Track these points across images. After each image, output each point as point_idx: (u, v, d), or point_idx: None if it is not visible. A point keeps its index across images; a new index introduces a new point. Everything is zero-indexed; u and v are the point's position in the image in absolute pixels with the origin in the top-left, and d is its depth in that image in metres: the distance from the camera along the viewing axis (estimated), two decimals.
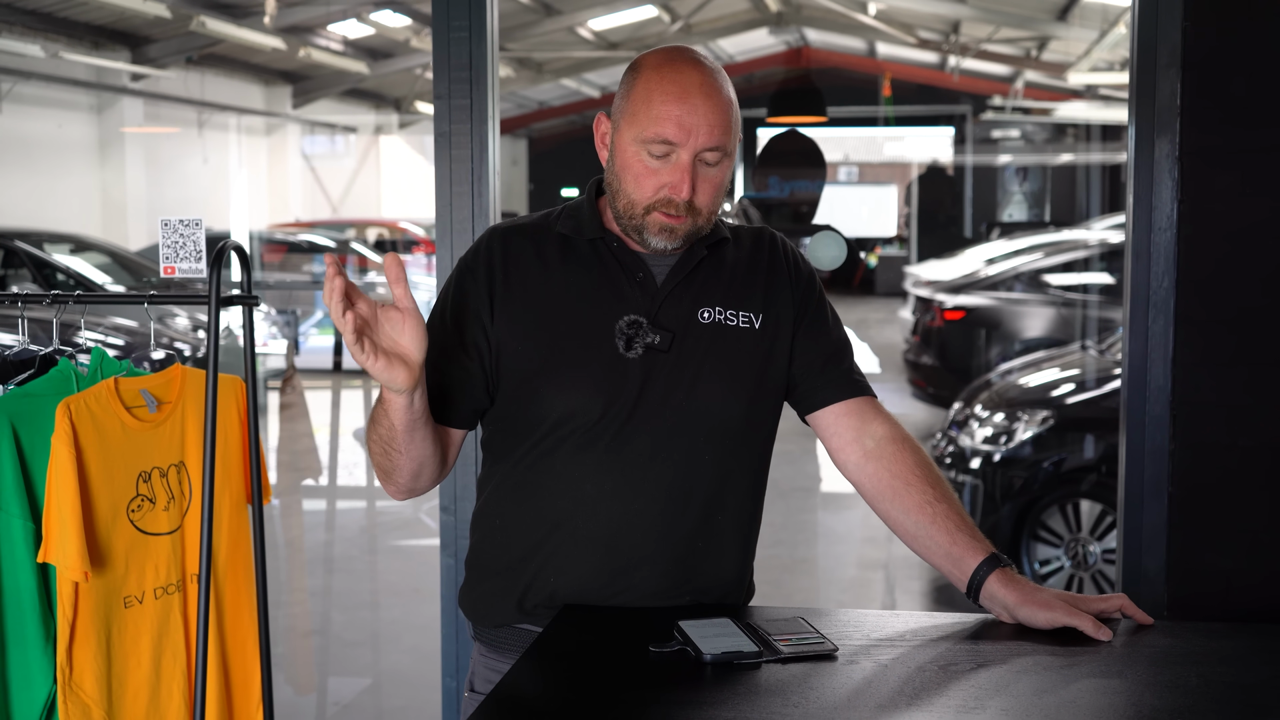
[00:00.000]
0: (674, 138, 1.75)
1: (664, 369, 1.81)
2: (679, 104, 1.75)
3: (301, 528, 5.52)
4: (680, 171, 1.77)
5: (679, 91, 1.76)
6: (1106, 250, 6.89)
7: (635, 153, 1.78)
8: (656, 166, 1.78)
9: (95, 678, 2.09)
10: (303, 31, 11.05)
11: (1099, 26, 8.96)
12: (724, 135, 1.78)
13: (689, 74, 1.77)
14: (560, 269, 1.86)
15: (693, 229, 1.82)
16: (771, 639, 1.66)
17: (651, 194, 1.79)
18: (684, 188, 1.77)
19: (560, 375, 1.81)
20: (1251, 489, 2.51)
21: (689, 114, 1.75)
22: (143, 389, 2.17)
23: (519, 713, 1.50)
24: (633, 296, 1.84)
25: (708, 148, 1.77)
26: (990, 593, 1.78)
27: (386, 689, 4.26)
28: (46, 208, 10.33)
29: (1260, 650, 1.70)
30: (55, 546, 2.03)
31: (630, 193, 1.80)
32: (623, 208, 1.82)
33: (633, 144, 1.78)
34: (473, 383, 1.84)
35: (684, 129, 1.75)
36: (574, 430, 1.81)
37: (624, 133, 1.80)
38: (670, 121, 1.75)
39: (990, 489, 4.93)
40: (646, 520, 1.81)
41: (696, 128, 1.75)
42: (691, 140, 1.76)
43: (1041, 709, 1.48)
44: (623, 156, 1.80)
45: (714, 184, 1.80)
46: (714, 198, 1.82)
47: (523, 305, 1.84)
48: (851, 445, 1.90)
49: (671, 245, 1.82)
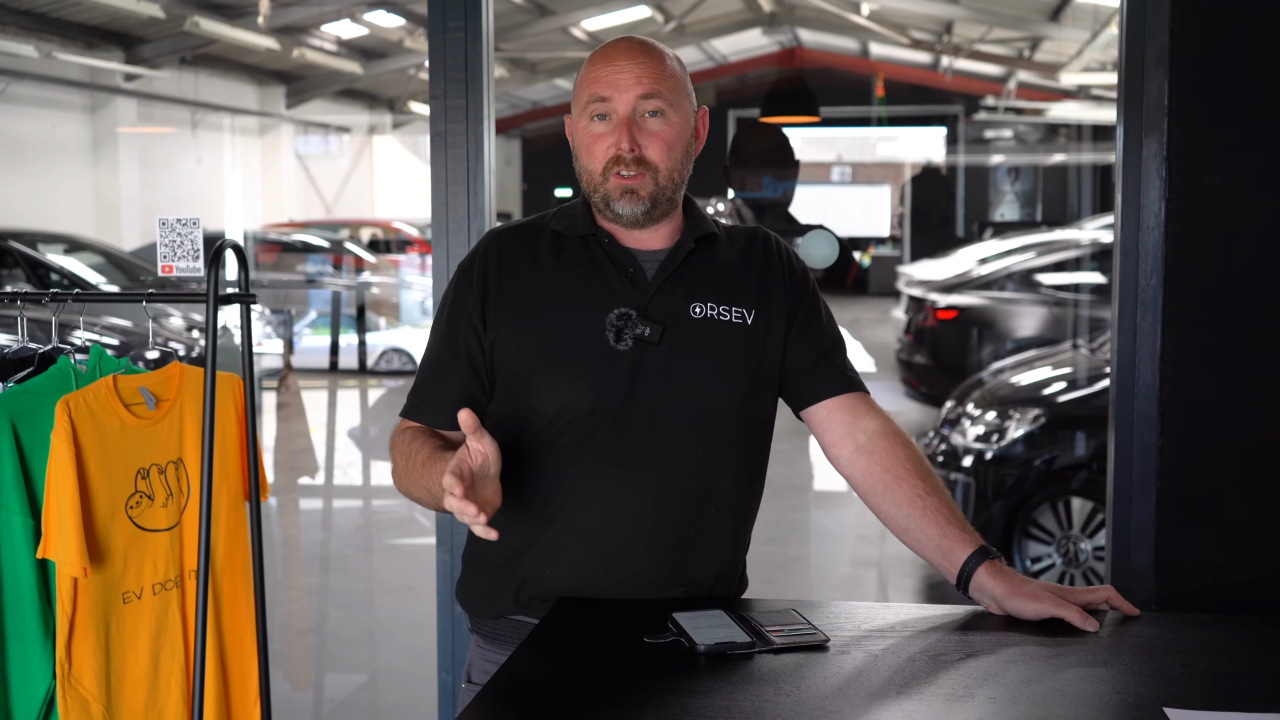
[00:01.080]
0: (606, 94, 1.84)
1: (655, 362, 1.84)
2: (605, 65, 1.86)
3: (298, 526, 5.54)
4: (619, 126, 1.84)
5: (605, 56, 1.87)
6: (1098, 250, 6.91)
7: (584, 127, 1.87)
8: (601, 131, 1.85)
9: (94, 673, 2.11)
10: (296, 32, 11.04)
11: (1091, 27, 8.99)
12: (656, 83, 1.84)
13: (616, 43, 1.89)
14: (553, 266, 1.89)
15: (654, 189, 1.86)
16: (764, 630, 1.68)
17: (602, 157, 1.85)
18: (625, 139, 1.83)
19: (552, 369, 1.84)
20: (1238, 485, 2.54)
21: (615, 71, 1.84)
22: (141, 386, 2.19)
23: (515, 703, 1.52)
24: (624, 291, 1.86)
25: (640, 96, 1.83)
26: (979, 584, 1.81)
27: (382, 685, 4.27)
28: (40, 208, 10.32)
29: (1243, 640, 1.73)
30: (54, 542, 2.04)
31: (586, 164, 1.88)
32: (586, 184, 1.89)
33: (580, 118, 1.87)
34: (466, 386, 1.89)
35: (613, 85, 1.84)
36: (568, 424, 1.83)
37: (575, 115, 1.90)
38: (600, 82, 1.85)
39: (982, 487, 4.96)
40: (639, 512, 1.84)
41: (624, 82, 1.83)
42: (623, 93, 1.83)
43: (1029, 697, 1.51)
44: (577, 137, 1.89)
45: (662, 138, 1.86)
46: (666, 152, 1.86)
47: (517, 304, 1.87)
48: (844, 440, 1.92)
49: (640, 209, 1.85)
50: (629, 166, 1.84)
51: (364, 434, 7.31)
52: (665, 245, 1.91)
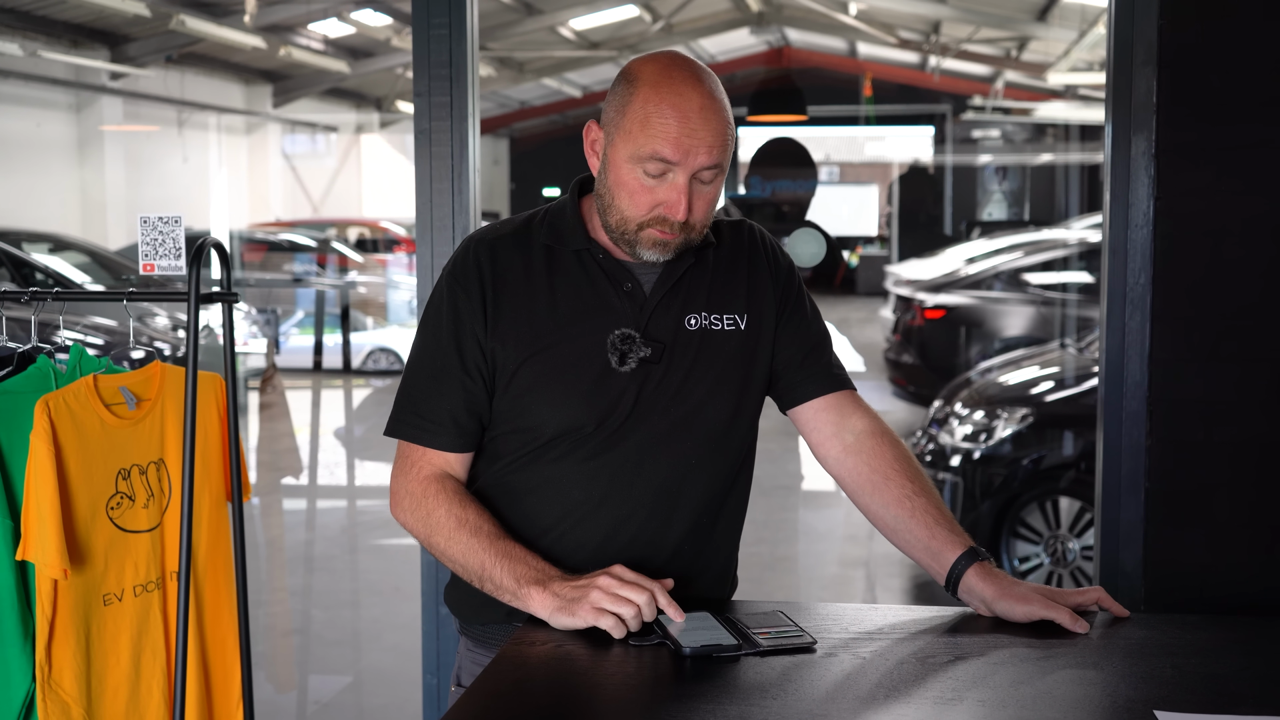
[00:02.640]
0: (671, 157, 1.72)
1: (655, 379, 1.81)
2: (678, 124, 1.72)
3: (282, 527, 5.52)
4: (677, 192, 1.74)
5: (677, 113, 1.72)
6: (1085, 249, 6.92)
7: (630, 170, 1.75)
8: (652, 185, 1.75)
9: (74, 676, 2.09)
10: (283, 30, 11.01)
11: (1078, 27, 9.01)
12: (722, 154, 1.75)
13: (688, 93, 1.73)
14: (547, 282, 1.84)
15: (685, 242, 1.81)
16: (750, 632, 1.67)
17: (646, 212, 1.76)
18: (680, 208, 1.74)
19: (553, 391, 1.80)
20: (1227, 484, 2.53)
21: (687, 136, 1.72)
22: (122, 386, 2.17)
23: (500, 705, 1.50)
24: (622, 308, 1.82)
25: (705, 167, 1.75)
26: (968, 586, 1.79)
27: (367, 687, 4.25)
28: (25, 207, 10.28)
29: (1234, 641, 1.72)
30: (34, 544, 2.02)
31: (624, 209, 1.78)
32: (615, 223, 1.80)
33: (628, 161, 1.75)
34: (481, 405, 1.83)
35: (681, 149, 1.72)
36: (568, 442, 1.81)
37: (619, 148, 1.76)
38: (668, 142, 1.72)
39: (970, 486, 4.96)
40: (634, 525, 1.82)
41: (695, 149, 1.72)
42: (689, 161, 1.73)
43: (1018, 700, 1.49)
44: (617, 172, 1.77)
45: (708, 200, 1.79)
46: (708, 211, 1.80)
47: (513, 320, 1.82)
48: (831, 439, 1.91)
49: (664, 258, 1.81)
50: (672, 227, 1.77)
51: (349, 434, 7.28)
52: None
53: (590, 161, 1.85)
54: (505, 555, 1.74)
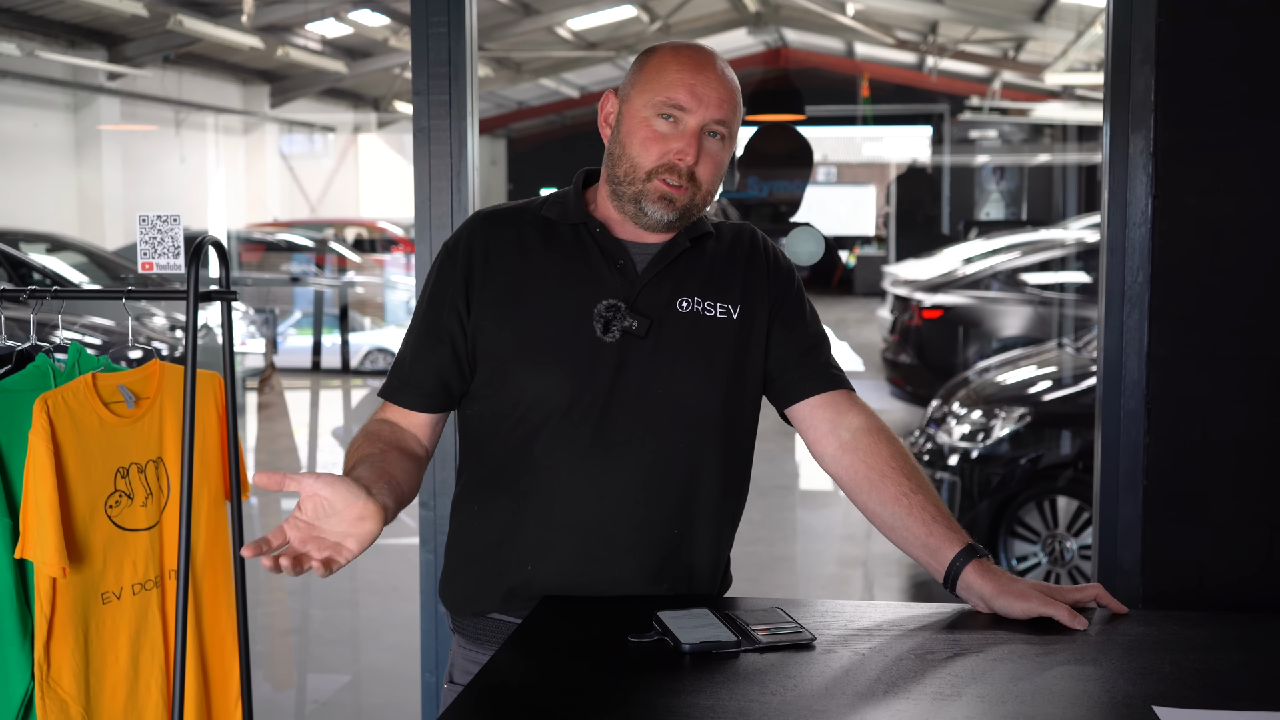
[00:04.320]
0: (685, 103, 1.81)
1: (640, 356, 1.82)
2: (693, 74, 1.82)
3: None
4: (688, 137, 1.82)
5: (694, 64, 1.84)
6: (1083, 249, 6.92)
7: (645, 118, 1.83)
8: (665, 131, 1.83)
9: (73, 674, 2.09)
10: (281, 31, 11.00)
11: (1075, 27, 9.01)
12: (731, 112, 1.84)
13: (704, 53, 1.86)
14: (541, 253, 1.88)
15: (689, 204, 1.85)
16: (750, 629, 1.67)
17: (657, 158, 1.83)
18: (690, 153, 1.82)
19: (534, 358, 1.82)
20: (1225, 482, 2.53)
21: (703, 84, 1.82)
22: (120, 384, 2.17)
23: (498, 703, 1.50)
24: (612, 282, 1.85)
25: (715, 120, 1.83)
26: (967, 583, 1.79)
27: (366, 686, 4.25)
28: (22, 207, 10.27)
29: (1232, 638, 1.72)
30: (33, 542, 2.02)
31: (635, 156, 1.84)
32: (624, 173, 1.85)
33: (643, 109, 1.83)
34: (444, 368, 1.87)
35: (696, 96, 1.81)
36: (548, 415, 1.81)
37: (634, 102, 1.85)
38: (684, 88, 1.81)
39: (968, 486, 4.96)
40: (623, 507, 1.82)
41: (708, 98, 1.82)
42: (702, 109, 1.82)
43: (1017, 696, 1.50)
44: (630, 123, 1.85)
45: (715, 161, 1.85)
46: (714, 176, 1.86)
47: (501, 289, 1.86)
48: (828, 437, 1.91)
49: (670, 217, 1.84)
50: (680, 176, 1.83)
51: (347, 434, 7.28)
52: (658, 240, 1.89)
53: (603, 132, 1.92)
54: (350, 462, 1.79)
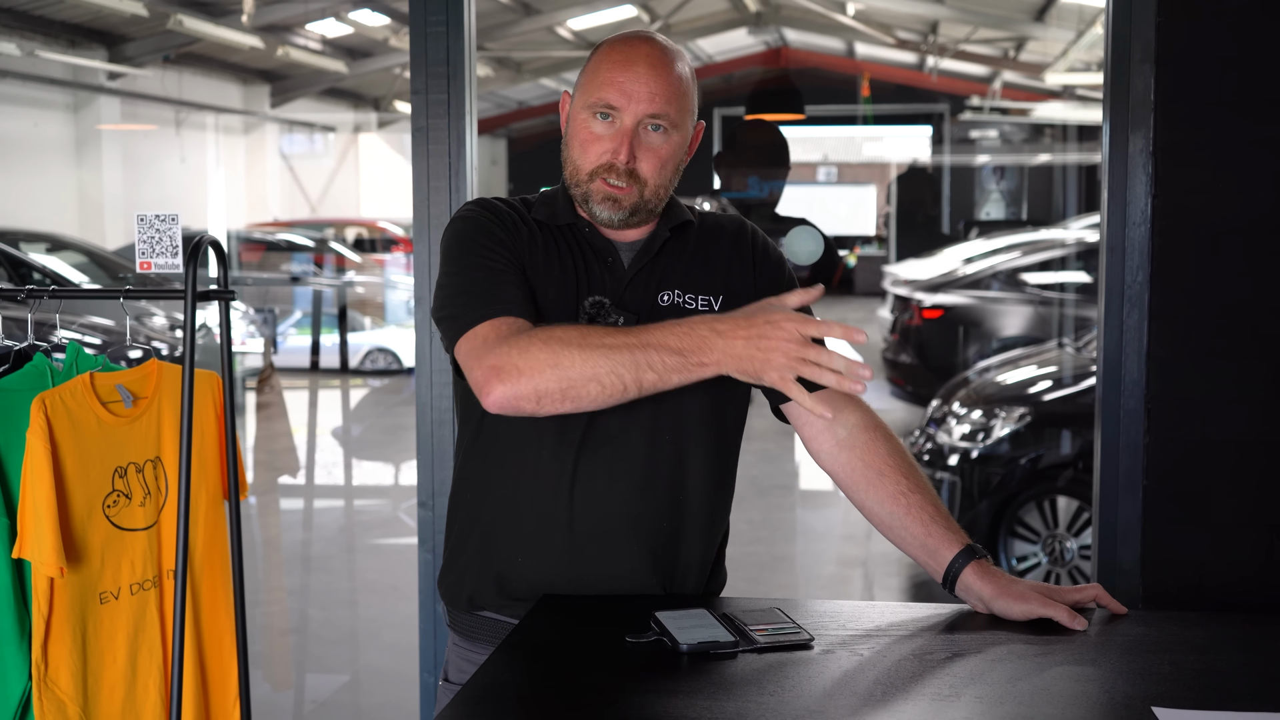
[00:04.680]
0: (616, 101, 1.81)
1: None
2: (622, 70, 1.81)
3: (279, 526, 5.51)
4: (621, 136, 1.81)
5: (624, 60, 1.83)
6: (1083, 249, 6.92)
7: (583, 120, 1.84)
8: (600, 132, 1.83)
9: (71, 674, 2.09)
10: (281, 30, 11.00)
11: (1076, 27, 9.01)
12: (666, 104, 1.82)
13: (638, 46, 1.84)
14: (537, 251, 1.87)
15: (638, 200, 1.84)
16: (748, 629, 1.67)
17: (595, 159, 1.83)
18: (623, 151, 1.81)
19: None
20: (1224, 482, 2.53)
21: (631, 80, 1.81)
22: (118, 384, 2.17)
23: (494, 703, 1.50)
24: (600, 278, 1.86)
25: (649, 114, 1.81)
26: (966, 584, 1.79)
27: (365, 686, 4.25)
28: (23, 207, 10.26)
29: (1231, 639, 1.72)
30: (30, 542, 2.02)
31: (575, 159, 1.85)
32: (569, 175, 1.87)
33: (581, 111, 1.84)
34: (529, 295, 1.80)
35: (625, 94, 1.81)
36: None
37: (577, 102, 1.87)
38: (613, 86, 1.81)
39: (968, 486, 4.95)
40: (611, 502, 1.82)
41: (637, 94, 1.80)
42: (632, 106, 1.80)
43: (1016, 696, 1.49)
44: (573, 125, 1.86)
45: (658, 155, 1.83)
46: (659, 169, 1.84)
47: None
48: (824, 434, 1.90)
49: (618, 216, 1.84)
50: (619, 176, 1.82)
51: (346, 433, 7.28)
52: (640, 235, 1.90)
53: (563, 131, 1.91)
54: (654, 329, 1.65)
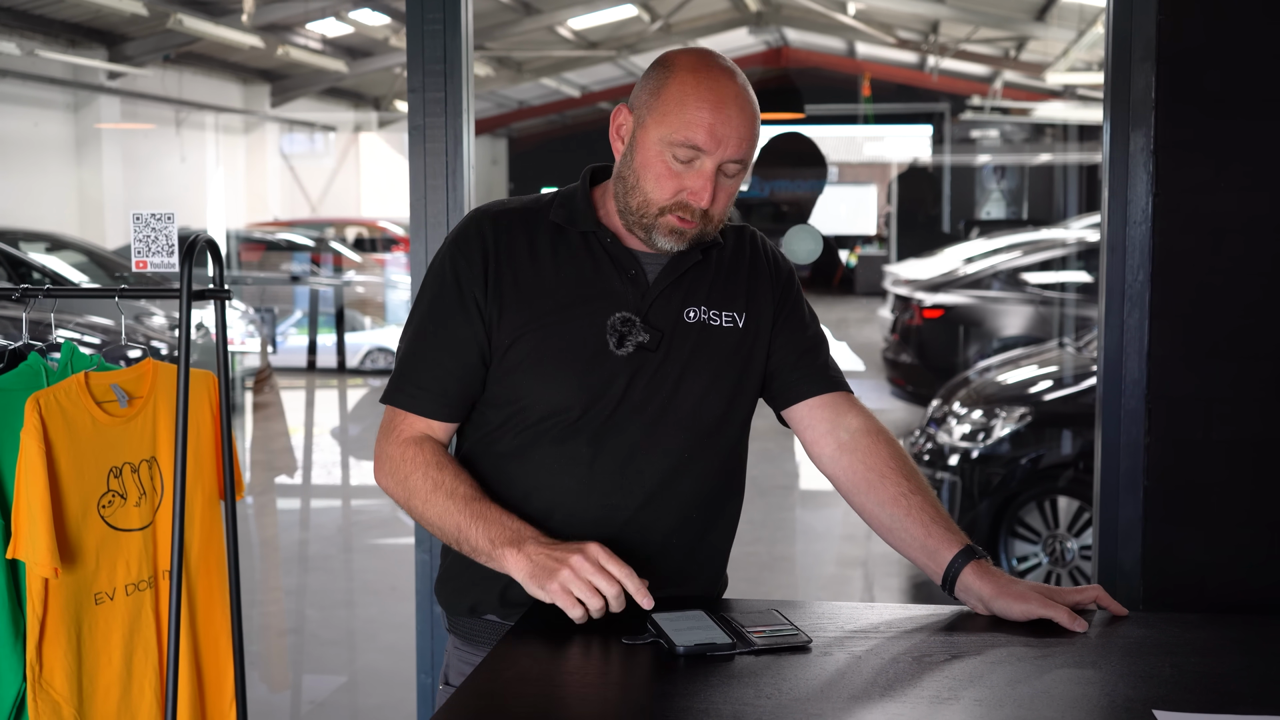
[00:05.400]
0: (704, 145, 1.74)
1: (650, 367, 1.80)
2: (713, 111, 1.74)
3: (276, 526, 5.51)
4: (704, 179, 1.76)
5: (715, 99, 1.74)
6: (1084, 249, 6.91)
7: (659, 153, 1.76)
8: (680, 170, 1.76)
9: (65, 675, 2.08)
10: (281, 30, 11.00)
11: (1076, 27, 9.00)
12: (750, 148, 1.78)
13: (725, 82, 1.76)
14: (551, 260, 1.84)
15: (700, 234, 1.81)
16: (745, 631, 1.66)
17: (670, 196, 1.77)
18: (705, 195, 1.76)
19: (545, 369, 1.79)
20: (1226, 482, 2.52)
21: (722, 123, 1.74)
22: (114, 384, 2.16)
23: (492, 704, 1.49)
24: (624, 293, 1.82)
25: (733, 159, 1.76)
26: (965, 585, 1.78)
27: (362, 687, 4.24)
28: (22, 206, 10.26)
29: (1233, 640, 1.71)
30: (25, 542, 2.01)
31: (649, 192, 1.78)
32: (636, 205, 1.80)
33: (658, 144, 1.76)
34: (473, 375, 1.83)
35: (715, 138, 1.74)
36: (557, 424, 1.80)
37: (650, 130, 1.77)
38: (702, 128, 1.73)
39: (968, 486, 4.94)
40: (625, 515, 1.81)
41: (727, 138, 1.74)
42: (720, 150, 1.75)
43: (1015, 699, 1.48)
44: (644, 154, 1.78)
45: (729, 193, 1.81)
46: (726, 205, 1.82)
47: (512, 295, 1.82)
48: (825, 438, 1.90)
49: (678, 248, 1.81)
50: (693, 215, 1.78)
51: (344, 433, 7.27)
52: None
53: (614, 145, 1.85)
54: (480, 517, 1.74)
